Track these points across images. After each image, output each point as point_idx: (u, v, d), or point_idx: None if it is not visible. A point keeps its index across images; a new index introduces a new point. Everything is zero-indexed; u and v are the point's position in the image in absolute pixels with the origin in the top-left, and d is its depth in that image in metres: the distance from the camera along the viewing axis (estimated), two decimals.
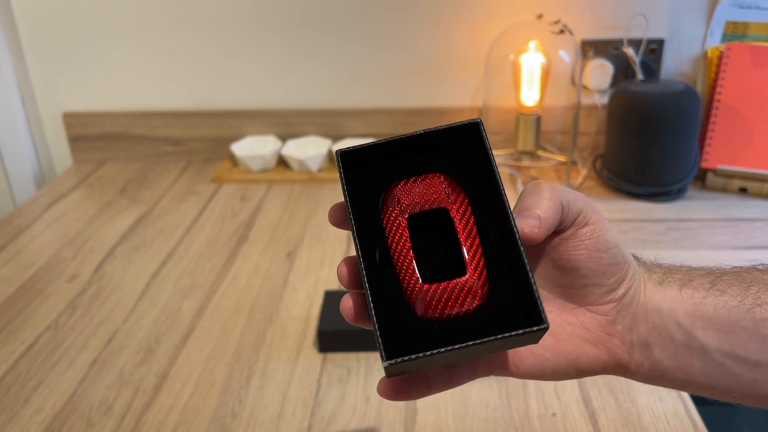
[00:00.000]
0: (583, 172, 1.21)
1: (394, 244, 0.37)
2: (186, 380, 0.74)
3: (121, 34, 1.28)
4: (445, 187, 0.38)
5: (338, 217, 0.40)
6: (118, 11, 1.26)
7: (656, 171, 1.11)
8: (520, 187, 1.17)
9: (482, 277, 0.36)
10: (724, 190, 1.15)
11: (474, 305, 0.36)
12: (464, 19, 1.24)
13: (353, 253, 0.46)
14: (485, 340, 0.34)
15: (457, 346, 0.33)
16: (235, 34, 1.28)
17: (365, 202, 0.39)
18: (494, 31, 1.23)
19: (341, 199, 0.39)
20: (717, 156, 1.15)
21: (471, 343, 0.33)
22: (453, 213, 0.37)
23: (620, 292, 0.39)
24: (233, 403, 0.71)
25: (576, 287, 0.40)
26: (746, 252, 0.96)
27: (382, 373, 0.74)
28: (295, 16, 1.26)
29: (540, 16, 1.19)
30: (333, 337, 0.77)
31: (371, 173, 0.40)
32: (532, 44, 1.19)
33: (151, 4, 1.25)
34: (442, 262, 0.38)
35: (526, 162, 1.26)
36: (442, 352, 0.33)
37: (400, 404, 0.70)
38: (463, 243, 0.36)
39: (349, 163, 0.40)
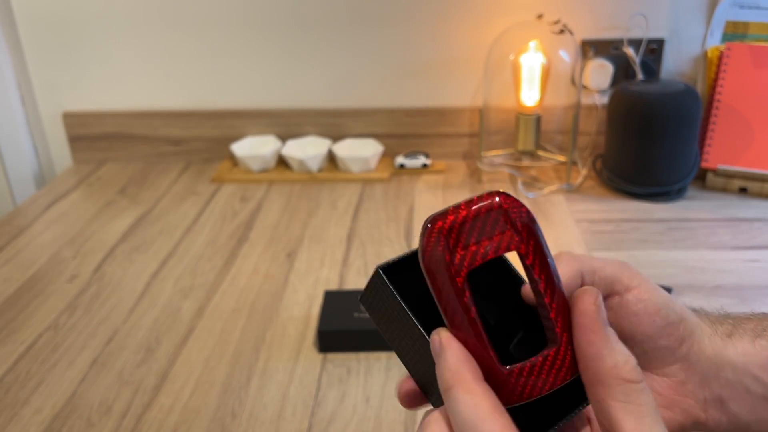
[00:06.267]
0: (583, 172, 1.21)
1: (450, 317, 0.31)
2: (186, 380, 0.74)
3: (121, 34, 1.28)
4: (504, 221, 0.30)
5: (411, 396, 0.37)
6: (118, 11, 1.26)
7: (656, 171, 1.11)
8: (521, 188, 1.17)
9: (565, 340, 0.31)
10: (724, 190, 1.15)
11: (567, 378, 0.31)
12: (464, 19, 1.24)
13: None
14: (570, 415, 0.33)
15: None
16: (234, 34, 1.28)
17: (417, 305, 0.36)
18: (494, 31, 1.23)
19: (341, 199, 0.37)
20: (717, 156, 1.15)
21: (558, 425, 0.33)
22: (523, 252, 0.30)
23: (683, 350, 0.38)
24: (233, 404, 0.71)
25: (637, 354, 0.38)
26: (746, 252, 0.96)
27: (382, 374, 0.74)
28: (295, 16, 1.26)
29: (540, 16, 1.19)
30: (333, 337, 0.77)
31: (405, 279, 0.37)
32: (532, 44, 1.19)
33: (151, 4, 1.25)
34: (504, 320, 0.34)
35: (526, 162, 1.26)
36: None
37: (400, 405, 0.69)
38: (544, 296, 0.31)
39: (389, 275, 0.37)
